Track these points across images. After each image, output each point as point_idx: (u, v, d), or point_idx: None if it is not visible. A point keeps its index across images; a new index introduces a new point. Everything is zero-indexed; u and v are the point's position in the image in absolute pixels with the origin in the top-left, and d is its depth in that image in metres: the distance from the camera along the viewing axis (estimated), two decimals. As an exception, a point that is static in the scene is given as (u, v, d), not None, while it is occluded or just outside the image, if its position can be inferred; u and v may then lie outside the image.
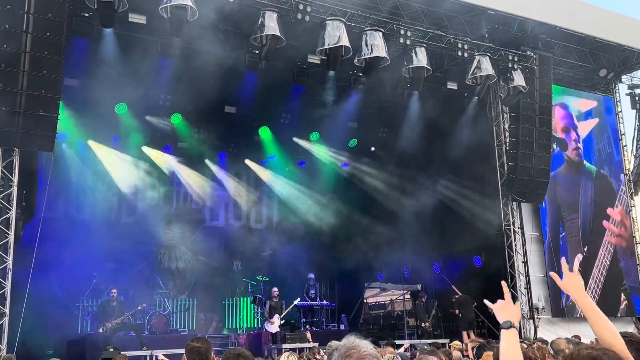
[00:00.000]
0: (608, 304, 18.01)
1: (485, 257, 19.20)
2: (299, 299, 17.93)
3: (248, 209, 21.88)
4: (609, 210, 19.43)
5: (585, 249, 18.49)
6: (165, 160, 19.49)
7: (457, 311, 17.77)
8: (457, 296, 18.29)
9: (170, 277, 19.25)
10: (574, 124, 19.56)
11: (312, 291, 18.99)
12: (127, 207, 18.71)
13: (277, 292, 17.37)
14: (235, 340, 17.31)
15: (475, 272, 19.24)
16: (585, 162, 19.44)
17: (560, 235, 18.32)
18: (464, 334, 16.79)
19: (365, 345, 2.29)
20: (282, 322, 16.89)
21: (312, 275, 19.31)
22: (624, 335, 4.73)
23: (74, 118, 16.10)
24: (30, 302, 11.88)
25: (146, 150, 18.94)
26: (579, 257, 3.45)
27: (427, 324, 18.08)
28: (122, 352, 11.51)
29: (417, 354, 7.65)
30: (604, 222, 19.25)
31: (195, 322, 19.10)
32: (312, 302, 18.82)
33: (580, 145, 19.47)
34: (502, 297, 3.20)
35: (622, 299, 18.84)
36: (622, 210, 19.67)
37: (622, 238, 19.46)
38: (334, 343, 7.73)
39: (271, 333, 16.53)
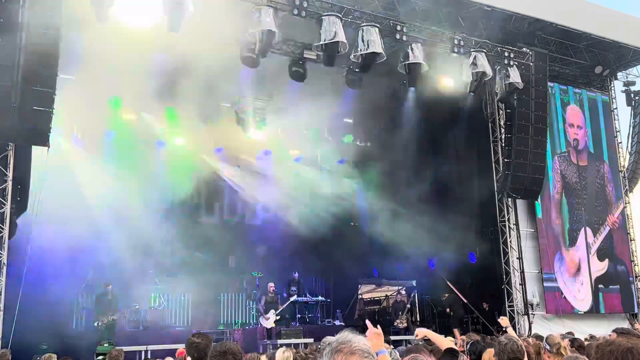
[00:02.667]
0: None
1: (479, 254, 19.24)
2: (295, 295, 17.96)
3: (243, 204, 21.85)
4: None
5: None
6: (161, 156, 19.41)
7: (448, 309, 17.86)
8: (446, 295, 18.38)
9: (165, 272, 19.20)
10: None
11: (294, 288, 18.94)
12: (122, 202, 18.62)
13: (274, 287, 17.37)
14: (231, 335, 17.30)
15: (469, 268, 19.29)
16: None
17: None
18: (456, 331, 16.87)
19: (357, 340, 2.28)
20: (278, 317, 16.91)
21: (296, 274, 19.33)
22: (621, 331, 4.75)
23: (68, 113, 16.02)
24: (24, 297, 11.86)
25: (141, 145, 18.85)
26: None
27: (399, 321, 18.14)
28: (117, 347, 11.48)
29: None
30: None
31: (191, 317, 19.08)
32: (306, 298, 18.88)
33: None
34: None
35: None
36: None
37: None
38: (328, 339, 7.73)
39: (266, 328, 16.54)
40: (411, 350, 4.70)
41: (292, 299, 17.70)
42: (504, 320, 6.23)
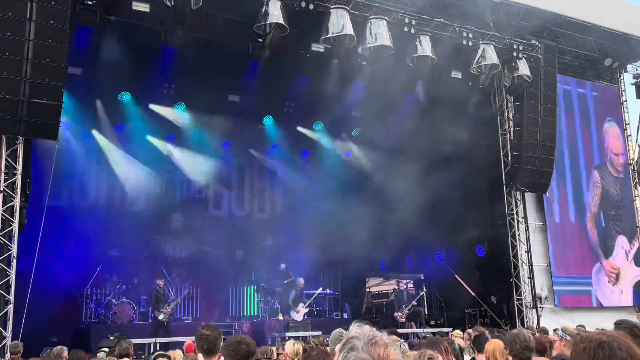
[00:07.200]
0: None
1: (488, 247, 19.21)
2: (320, 288, 18.33)
3: (251, 198, 21.88)
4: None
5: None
6: (169, 149, 19.44)
7: None
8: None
9: (174, 265, 19.28)
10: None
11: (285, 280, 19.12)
12: (131, 196, 18.70)
13: (302, 282, 18.18)
14: (239, 328, 17.39)
15: (478, 262, 19.27)
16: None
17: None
18: None
19: (379, 333, 2.30)
20: (307, 310, 17.66)
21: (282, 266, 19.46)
22: (618, 323, 4.75)
23: (77, 106, 16.08)
24: (34, 290, 11.94)
25: (150, 139, 18.89)
26: None
27: (399, 313, 18.15)
28: (128, 339, 11.52)
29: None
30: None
31: (199, 310, 19.17)
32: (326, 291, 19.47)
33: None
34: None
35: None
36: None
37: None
38: (338, 331, 7.75)
39: (278, 320, 17.11)
40: (430, 343, 4.66)
41: (317, 292, 18.39)
42: None
